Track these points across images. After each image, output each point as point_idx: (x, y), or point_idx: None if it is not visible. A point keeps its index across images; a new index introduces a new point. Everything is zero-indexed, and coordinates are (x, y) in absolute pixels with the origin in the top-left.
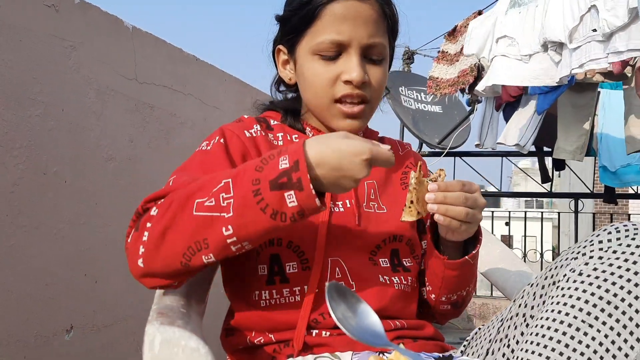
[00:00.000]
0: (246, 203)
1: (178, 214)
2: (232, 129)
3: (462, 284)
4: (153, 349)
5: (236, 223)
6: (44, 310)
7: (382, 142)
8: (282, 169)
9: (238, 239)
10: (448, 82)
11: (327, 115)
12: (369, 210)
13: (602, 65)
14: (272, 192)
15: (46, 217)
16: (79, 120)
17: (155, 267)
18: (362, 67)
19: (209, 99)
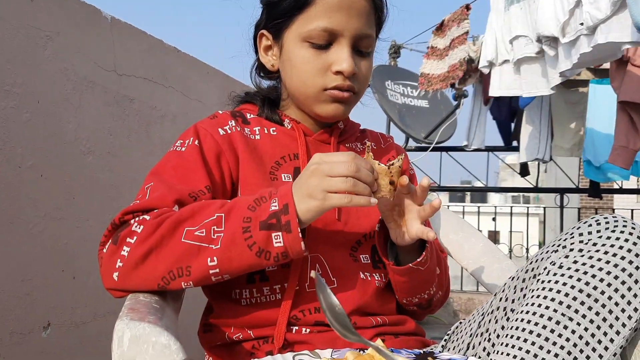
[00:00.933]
0: (235, 238)
1: (166, 238)
2: (206, 128)
3: (417, 289)
4: (122, 346)
5: (222, 256)
6: (20, 306)
7: (364, 134)
8: (272, 210)
9: (220, 271)
10: (439, 78)
11: (313, 102)
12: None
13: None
14: (261, 231)
15: (22, 211)
16: (55, 113)
17: (130, 285)
18: (353, 59)
19: (191, 92)
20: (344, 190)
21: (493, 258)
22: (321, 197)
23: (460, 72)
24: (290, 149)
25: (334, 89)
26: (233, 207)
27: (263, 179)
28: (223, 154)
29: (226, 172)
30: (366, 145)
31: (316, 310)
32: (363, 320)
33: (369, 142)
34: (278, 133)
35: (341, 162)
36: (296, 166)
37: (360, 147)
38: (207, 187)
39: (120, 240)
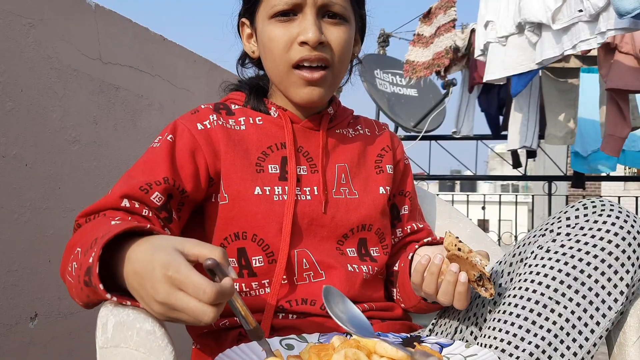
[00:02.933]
0: (77, 286)
1: (65, 263)
2: (185, 124)
3: (437, 309)
4: (106, 332)
5: (79, 298)
6: (7, 297)
7: (357, 120)
8: (89, 263)
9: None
10: (423, 65)
11: (287, 84)
12: (339, 197)
13: (592, 46)
14: (86, 288)
15: (6, 201)
16: (39, 101)
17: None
18: (318, 27)
19: (178, 81)
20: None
21: (481, 243)
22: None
23: (445, 59)
24: (277, 138)
25: (302, 68)
26: (86, 240)
27: (247, 172)
28: (199, 149)
29: (202, 166)
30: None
31: (303, 301)
32: None
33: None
34: (264, 122)
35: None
36: (284, 155)
37: (352, 133)
38: (165, 179)
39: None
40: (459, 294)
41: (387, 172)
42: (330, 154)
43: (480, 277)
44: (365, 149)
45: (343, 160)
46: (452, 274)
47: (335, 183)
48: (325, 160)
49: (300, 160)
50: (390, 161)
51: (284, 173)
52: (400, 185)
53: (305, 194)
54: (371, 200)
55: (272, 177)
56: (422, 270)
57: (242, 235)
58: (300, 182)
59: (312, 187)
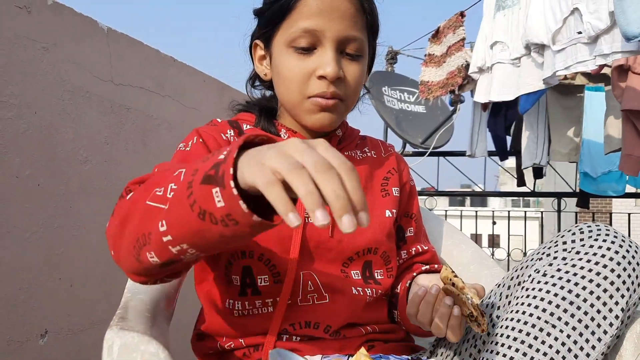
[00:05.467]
0: (180, 197)
1: (138, 201)
2: (208, 131)
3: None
4: (111, 354)
5: (169, 219)
6: (17, 314)
7: (364, 141)
8: (219, 159)
9: (174, 239)
10: (439, 85)
11: (300, 112)
12: None
13: (589, 67)
14: (201, 185)
15: (19, 220)
16: (52, 123)
17: (121, 259)
18: (338, 62)
19: (187, 100)
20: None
21: (482, 265)
22: (258, 170)
23: (459, 78)
24: None
25: (316, 97)
26: (185, 168)
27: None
28: None
29: None
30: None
31: (306, 324)
32: (353, 332)
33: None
34: (250, 130)
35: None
36: None
37: (360, 155)
38: None
39: (114, 211)
40: (452, 327)
41: (393, 194)
42: None
43: (473, 314)
44: (372, 172)
45: None
46: (446, 307)
47: None
48: None
49: None
50: (397, 184)
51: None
52: (406, 207)
53: None
54: (377, 223)
55: None
56: (418, 301)
57: (249, 254)
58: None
59: None
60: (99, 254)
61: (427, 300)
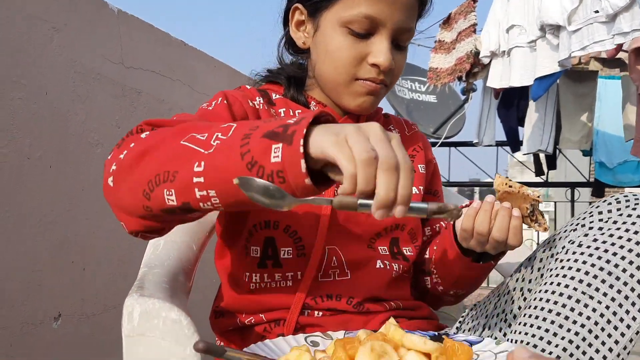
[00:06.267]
0: (231, 144)
1: (167, 139)
2: (235, 95)
3: (477, 283)
4: (132, 321)
5: (210, 161)
6: (31, 297)
7: (388, 119)
8: (287, 122)
9: (205, 181)
10: (447, 71)
11: (343, 92)
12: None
13: (607, 47)
14: (261, 139)
15: (31, 202)
16: (63, 105)
17: (119, 193)
18: (391, 53)
19: (198, 85)
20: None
21: None
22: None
23: (467, 64)
24: None
25: (367, 80)
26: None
27: None
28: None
29: None
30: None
31: (328, 297)
32: (376, 306)
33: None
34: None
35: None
36: None
37: None
38: None
39: (124, 144)
40: (514, 228)
41: (419, 171)
42: None
43: (533, 212)
44: None
45: None
46: (506, 209)
47: None
48: None
49: None
50: (422, 160)
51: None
52: (430, 184)
53: None
54: None
55: None
56: (474, 213)
57: (274, 225)
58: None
59: None
60: (112, 239)
61: (485, 208)
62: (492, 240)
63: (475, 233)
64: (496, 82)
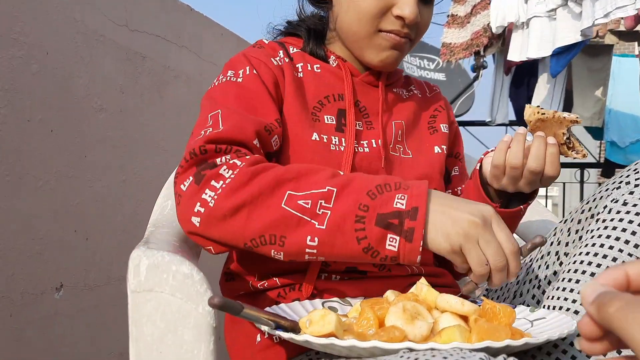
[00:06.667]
0: (345, 225)
1: (263, 196)
2: (258, 57)
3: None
4: (138, 275)
5: (325, 239)
6: (31, 266)
7: (410, 81)
8: (396, 207)
9: (318, 252)
10: (461, 46)
11: (366, 45)
12: (394, 154)
13: (629, 12)
14: (377, 227)
15: (31, 167)
16: (65, 66)
17: (213, 234)
18: (418, 6)
19: (205, 54)
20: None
21: (532, 211)
22: (451, 247)
23: (484, 38)
24: (335, 89)
25: (390, 32)
26: (348, 185)
27: (305, 117)
28: (278, 85)
29: (280, 103)
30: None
31: None
32: (398, 269)
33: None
34: (322, 71)
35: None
36: (340, 108)
37: (406, 94)
38: (277, 121)
39: (205, 181)
40: (551, 156)
41: (441, 131)
42: (387, 111)
43: (569, 138)
44: (418, 110)
45: (400, 118)
46: (540, 137)
47: (393, 140)
48: (385, 116)
49: (357, 115)
50: (445, 120)
51: (340, 125)
52: (452, 146)
53: (363, 147)
54: (427, 159)
55: (329, 127)
56: (505, 147)
57: None
58: (358, 134)
59: (369, 140)
60: (115, 208)
61: (517, 139)
62: (528, 173)
63: (508, 167)
64: (516, 55)
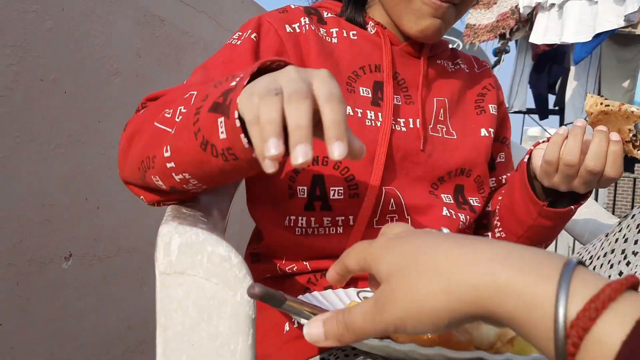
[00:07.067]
0: (186, 121)
1: (147, 120)
2: (272, 22)
3: (549, 236)
4: (169, 255)
5: (174, 143)
6: (40, 233)
7: (456, 54)
8: (230, 85)
9: (177, 167)
10: (486, 28)
11: (404, 11)
12: (435, 134)
13: None
14: (208, 113)
15: (43, 128)
16: (81, 24)
17: (126, 176)
18: None
19: (224, 21)
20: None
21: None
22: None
23: (511, 20)
24: (372, 59)
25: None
26: (197, 91)
27: None
28: (285, 54)
29: None
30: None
31: None
32: None
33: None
34: (359, 38)
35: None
36: (377, 80)
37: (451, 67)
38: None
39: (125, 126)
40: (613, 154)
41: (489, 112)
42: (429, 85)
43: (636, 135)
44: (465, 86)
45: (443, 95)
46: (602, 132)
47: (433, 119)
48: (425, 91)
49: (396, 89)
50: (494, 100)
51: (376, 99)
52: (499, 130)
53: (400, 125)
54: (472, 142)
55: (365, 100)
56: (561, 141)
57: (323, 161)
58: (395, 112)
59: (407, 118)
60: None
61: (575, 132)
62: (584, 173)
63: (563, 164)
64: (539, 37)
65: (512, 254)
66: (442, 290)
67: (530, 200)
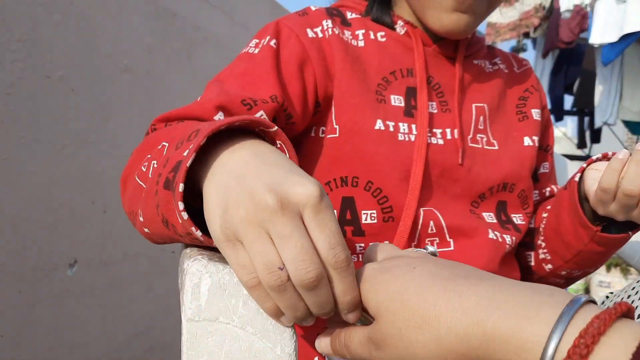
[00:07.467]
0: (151, 189)
1: (135, 164)
2: (291, 27)
3: (599, 261)
4: (198, 298)
5: (144, 211)
6: (44, 239)
7: (494, 52)
8: (183, 155)
9: (152, 234)
10: (508, 27)
11: (426, 6)
12: (475, 146)
13: None
14: (163, 190)
15: (49, 128)
16: (91, 18)
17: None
18: None
19: (237, 16)
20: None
21: None
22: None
23: (535, 19)
24: (403, 63)
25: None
26: (176, 136)
27: (367, 99)
28: (309, 62)
29: (310, 86)
30: None
31: None
32: None
33: None
34: (388, 40)
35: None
36: (409, 86)
37: (489, 67)
38: (273, 97)
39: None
40: None
41: (533, 118)
42: (467, 89)
43: None
44: (505, 89)
45: (482, 100)
46: None
47: (472, 128)
48: (461, 97)
49: (431, 95)
50: (537, 104)
51: (409, 108)
52: (542, 137)
53: (436, 137)
54: (514, 153)
55: (397, 110)
56: (620, 167)
57: (353, 182)
58: (431, 122)
59: (444, 129)
60: None
61: (637, 159)
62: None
63: (622, 194)
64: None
65: (497, 296)
66: (433, 340)
67: (581, 224)
